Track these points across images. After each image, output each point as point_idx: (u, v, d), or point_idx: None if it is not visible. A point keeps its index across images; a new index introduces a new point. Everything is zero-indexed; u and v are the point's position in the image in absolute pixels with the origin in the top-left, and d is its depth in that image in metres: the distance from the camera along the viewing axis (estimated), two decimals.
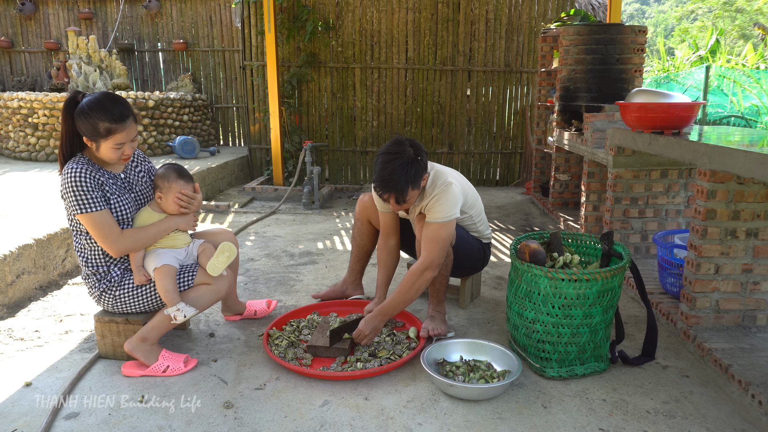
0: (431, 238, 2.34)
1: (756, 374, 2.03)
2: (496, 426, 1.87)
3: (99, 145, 2.09)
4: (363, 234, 2.90)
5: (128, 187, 2.26)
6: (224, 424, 1.87)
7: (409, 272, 2.35)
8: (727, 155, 1.97)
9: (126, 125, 2.09)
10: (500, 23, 6.57)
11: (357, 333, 2.35)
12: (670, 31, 29.23)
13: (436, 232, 2.34)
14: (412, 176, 2.23)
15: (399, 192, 2.23)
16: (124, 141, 2.11)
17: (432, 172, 2.44)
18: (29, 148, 6.63)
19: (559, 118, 4.77)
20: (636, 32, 4.32)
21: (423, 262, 2.33)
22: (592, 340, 2.15)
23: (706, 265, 2.36)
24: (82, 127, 2.06)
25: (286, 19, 6.44)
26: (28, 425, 1.85)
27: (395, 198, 2.26)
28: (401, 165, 2.20)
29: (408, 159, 2.22)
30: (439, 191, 2.37)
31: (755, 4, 20.01)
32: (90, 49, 7.21)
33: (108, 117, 2.05)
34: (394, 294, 2.37)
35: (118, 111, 2.07)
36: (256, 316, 2.71)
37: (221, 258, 2.23)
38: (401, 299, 2.36)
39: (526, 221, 4.94)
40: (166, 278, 2.16)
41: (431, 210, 2.37)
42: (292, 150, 6.45)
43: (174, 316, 2.13)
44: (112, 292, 2.21)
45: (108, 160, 2.14)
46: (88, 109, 2.04)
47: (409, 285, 2.34)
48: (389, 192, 2.25)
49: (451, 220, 2.36)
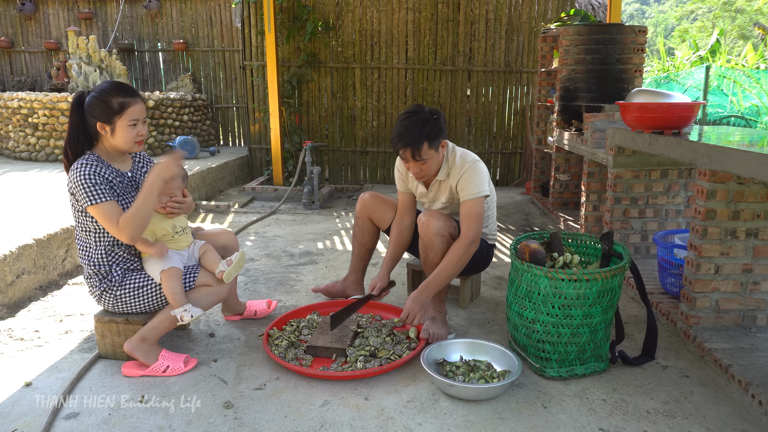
0: (469, 214, 2.41)
1: (756, 374, 2.03)
2: (496, 426, 1.87)
3: (114, 125, 2.11)
4: (364, 232, 2.90)
5: (135, 186, 2.27)
6: (224, 424, 1.87)
7: (453, 246, 2.39)
8: (727, 155, 1.97)
9: (137, 100, 2.15)
10: (500, 23, 6.57)
11: (405, 314, 2.35)
12: (670, 31, 29.23)
13: (472, 209, 2.41)
14: (428, 132, 2.34)
15: (414, 145, 2.33)
16: (138, 117, 2.15)
17: (457, 149, 2.54)
18: (29, 148, 6.63)
19: (559, 118, 4.77)
20: (636, 32, 4.32)
21: (466, 236, 2.38)
22: (592, 340, 2.15)
23: (706, 265, 2.36)
24: (95, 112, 2.10)
25: (286, 19, 6.44)
26: (28, 425, 1.85)
27: (411, 152, 2.34)
28: (417, 121, 2.34)
29: (425, 117, 2.36)
30: (470, 166, 2.46)
31: (755, 4, 20.01)
32: (90, 49, 7.21)
33: (120, 93, 2.12)
34: (440, 268, 2.39)
35: (129, 88, 2.17)
36: (256, 317, 2.71)
37: (237, 267, 2.28)
38: (448, 272, 2.38)
39: (526, 221, 4.94)
40: (174, 280, 2.17)
41: (465, 188, 2.45)
42: (292, 150, 6.45)
43: (181, 317, 2.14)
44: (113, 291, 2.21)
45: (123, 143, 2.15)
46: (98, 93, 2.11)
47: (455, 258, 2.37)
48: (405, 145, 2.34)
49: (483, 196, 2.44)
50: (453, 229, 2.47)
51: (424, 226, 2.45)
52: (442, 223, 2.42)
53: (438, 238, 2.42)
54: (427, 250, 2.46)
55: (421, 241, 2.47)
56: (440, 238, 2.42)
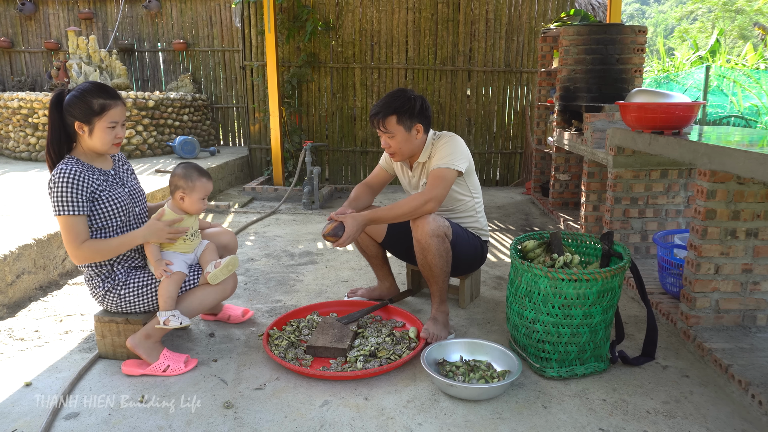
0: (436, 175, 2.46)
1: (756, 374, 2.03)
2: (496, 426, 1.87)
3: (93, 126, 2.09)
4: (366, 245, 2.86)
5: (120, 182, 2.25)
6: (224, 424, 1.87)
7: (411, 196, 2.44)
8: (727, 155, 1.97)
9: (118, 102, 2.14)
10: (500, 23, 6.57)
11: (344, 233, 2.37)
12: (670, 32, 29.24)
13: (441, 171, 2.47)
14: (398, 106, 2.47)
15: (380, 114, 2.48)
16: (118, 120, 2.13)
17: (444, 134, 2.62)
18: (29, 148, 6.63)
19: (559, 118, 4.77)
20: (636, 32, 4.32)
21: (426, 193, 2.42)
22: (592, 340, 2.15)
23: (706, 265, 2.36)
24: (75, 111, 2.07)
25: (286, 19, 6.44)
26: (28, 425, 1.85)
27: (377, 120, 2.49)
28: (393, 95, 2.51)
29: (401, 95, 2.50)
30: (447, 138, 2.57)
31: (755, 4, 20.01)
32: (90, 49, 7.21)
33: (102, 94, 2.10)
34: (389, 206, 2.46)
35: (110, 90, 2.14)
36: (229, 321, 2.67)
37: (224, 271, 2.24)
38: (395, 213, 2.44)
39: (526, 221, 4.94)
40: (173, 285, 2.17)
41: (437, 155, 2.53)
42: (292, 150, 6.45)
43: (167, 321, 2.12)
44: (116, 291, 2.21)
45: (101, 145, 2.12)
46: (79, 93, 2.08)
47: (405, 203, 2.42)
48: (374, 113, 2.50)
49: (456, 168, 2.49)
50: (447, 228, 2.47)
51: (419, 228, 2.43)
52: (435, 224, 2.42)
53: (434, 239, 2.41)
54: (425, 252, 2.45)
55: (417, 243, 2.45)
56: (437, 238, 2.42)
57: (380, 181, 2.88)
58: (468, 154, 2.59)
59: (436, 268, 2.46)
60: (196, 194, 2.25)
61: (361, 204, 2.76)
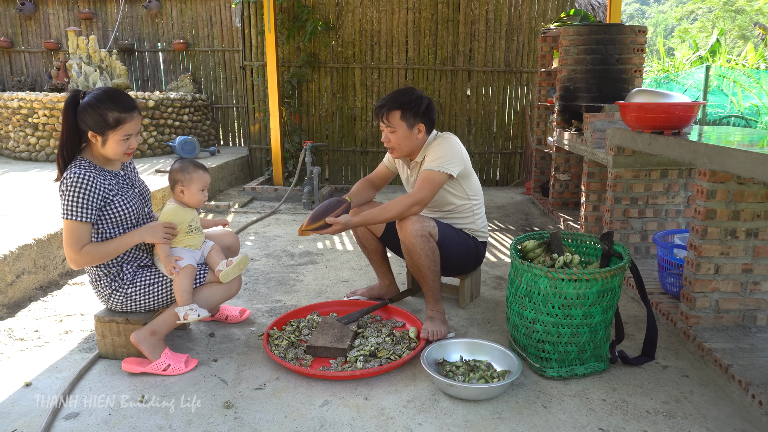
0: (425, 177, 2.47)
1: (756, 374, 2.03)
2: (496, 426, 1.87)
3: (106, 138, 2.07)
4: (366, 239, 2.87)
5: (130, 183, 2.27)
6: (224, 424, 1.87)
7: (398, 198, 2.45)
8: (727, 155, 1.97)
9: (134, 115, 2.11)
10: (500, 23, 6.57)
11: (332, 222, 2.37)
12: (670, 32, 29.24)
13: (430, 174, 2.48)
14: (403, 102, 2.51)
15: (386, 107, 2.52)
16: (132, 132, 2.11)
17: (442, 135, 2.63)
18: (29, 148, 6.63)
19: (559, 118, 4.77)
20: (636, 32, 4.32)
21: (413, 196, 2.44)
22: (592, 340, 2.15)
23: (706, 265, 2.36)
24: (89, 121, 2.04)
25: (286, 19, 6.44)
26: (28, 425, 1.85)
27: (382, 112, 2.52)
28: (400, 92, 2.56)
29: (409, 92, 2.56)
30: (440, 140, 2.58)
31: (755, 4, 20.01)
32: (90, 49, 7.21)
33: (117, 107, 2.06)
34: (378, 209, 2.46)
35: (126, 101, 2.09)
36: (227, 321, 2.68)
37: (236, 269, 2.27)
38: (380, 215, 2.44)
39: (526, 221, 4.94)
40: (187, 278, 2.19)
41: (429, 156, 2.53)
42: (292, 150, 6.45)
43: (185, 315, 2.14)
44: (123, 290, 2.20)
45: (113, 155, 2.11)
46: (95, 101, 2.04)
47: (392, 206, 2.43)
48: (380, 105, 2.54)
49: (446, 172, 2.48)
50: (432, 228, 2.47)
51: (403, 230, 2.45)
52: (419, 224, 2.43)
53: (419, 239, 2.42)
54: (411, 253, 2.45)
55: (403, 244, 2.47)
56: (421, 238, 2.42)
57: (382, 177, 2.89)
58: (463, 156, 2.57)
59: (424, 268, 2.47)
60: (194, 185, 2.28)
61: (361, 198, 2.77)
